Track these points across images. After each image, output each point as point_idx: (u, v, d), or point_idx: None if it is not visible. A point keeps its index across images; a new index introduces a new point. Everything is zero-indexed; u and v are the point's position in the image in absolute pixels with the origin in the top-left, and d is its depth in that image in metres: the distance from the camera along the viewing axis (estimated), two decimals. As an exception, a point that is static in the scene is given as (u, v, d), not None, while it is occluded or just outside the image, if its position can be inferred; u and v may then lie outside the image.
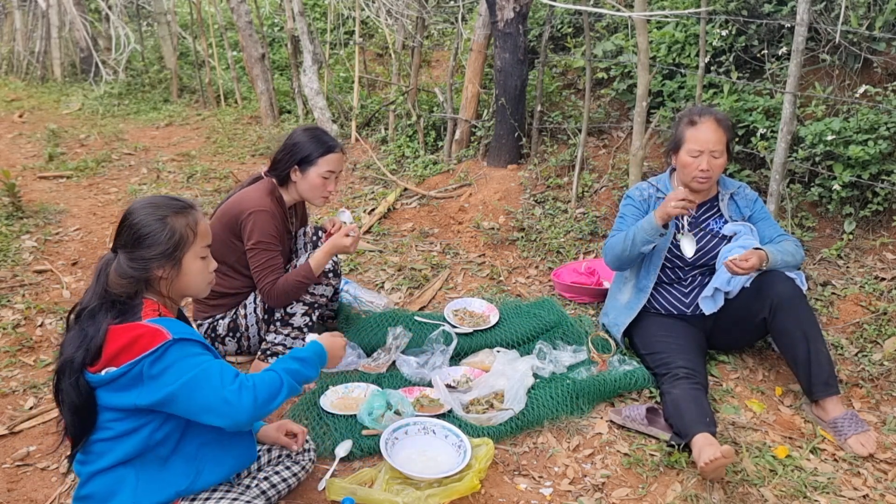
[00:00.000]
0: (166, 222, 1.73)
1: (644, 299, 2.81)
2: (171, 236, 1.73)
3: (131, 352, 1.62)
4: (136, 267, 1.70)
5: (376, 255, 3.91)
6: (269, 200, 2.69)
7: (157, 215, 1.74)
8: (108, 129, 6.64)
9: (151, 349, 1.61)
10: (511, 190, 4.33)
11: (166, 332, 1.63)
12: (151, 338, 1.62)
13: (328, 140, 2.75)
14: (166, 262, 1.73)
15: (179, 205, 1.79)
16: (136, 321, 1.66)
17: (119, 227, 1.75)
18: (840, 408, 2.49)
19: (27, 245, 3.97)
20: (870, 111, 3.45)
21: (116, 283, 1.68)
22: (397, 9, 5.65)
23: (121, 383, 1.63)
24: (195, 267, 1.80)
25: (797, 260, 2.69)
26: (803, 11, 3.06)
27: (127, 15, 8.95)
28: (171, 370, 1.62)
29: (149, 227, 1.72)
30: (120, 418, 1.66)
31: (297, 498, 2.11)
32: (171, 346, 1.63)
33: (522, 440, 2.42)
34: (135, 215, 1.74)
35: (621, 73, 4.64)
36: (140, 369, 1.61)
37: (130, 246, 1.72)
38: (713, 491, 2.18)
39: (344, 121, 5.97)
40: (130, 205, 1.78)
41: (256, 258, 2.65)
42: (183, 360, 1.64)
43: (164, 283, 1.76)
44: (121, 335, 1.63)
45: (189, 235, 1.77)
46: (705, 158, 2.65)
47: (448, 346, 2.83)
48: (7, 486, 2.17)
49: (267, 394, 1.72)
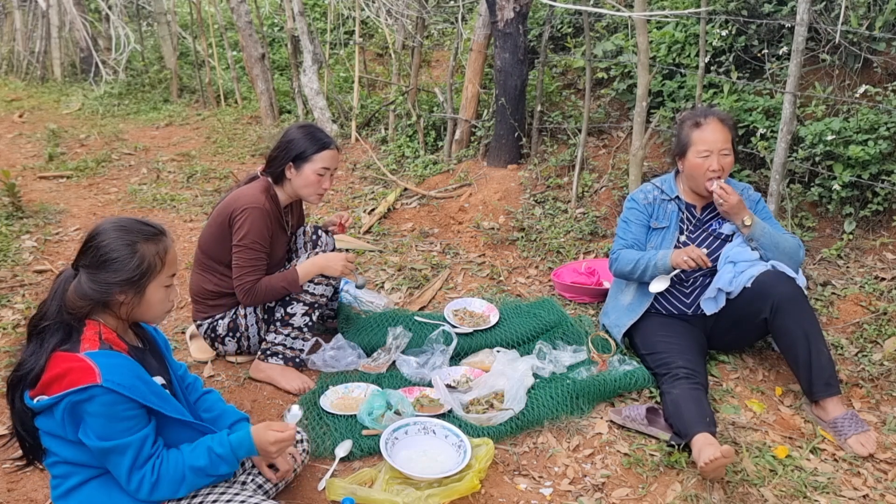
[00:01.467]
0: (136, 249, 1.66)
1: (648, 302, 2.81)
2: (140, 264, 1.66)
3: (60, 384, 1.56)
4: (96, 290, 1.63)
5: (376, 255, 3.91)
6: (263, 198, 2.67)
7: (126, 240, 1.66)
8: (108, 129, 6.65)
9: (77, 387, 1.54)
10: (511, 190, 4.33)
11: (97, 373, 1.55)
12: (80, 374, 1.55)
13: (322, 137, 2.74)
14: (129, 289, 1.67)
15: (150, 231, 1.71)
16: (75, 351, 1.59)
17: (84, 246, 1.68)
18: (840, 408, 2.49)
19: (27, 245, 3.97)
20: (870, 111, 3.45)
21: (73, 302, 1.62)
22: (397, 9, 5.65)
23: (50, 413, 1.59)
24: (157, 296, 1.73)
25: (792, 253, 2.69)
26: (803, 11, 3.06)
27: (127, 15, 8.95)
28: (94, 422, 1.57)
29: (116, 253, 1.64)
30: (64, 444, 1.63)
31: (297, 498, 2.11)
32: (95, 392, 1.55)
33: (522, 440, 2.42)
34: (103, 237, 1.66)
35: (621, 73, 4.64)
36: (66, 404, 1.56)
37: (94, 267, 1.65)
38: (713, 491, 2.18)
39: (344, 121, 5.97)
40: (98, 224, 1.71)
41: (241, 255, 2.62)
42: (108, 421, 1.58)
43: (123, 308, 1.69)
44: (58, 363, 1.58)
45: (157, 264, 1.70)
46: (715, 158, 2.66)
47: (448, 346, 2.83)
48: (7, 486, 2.17)
49: (167, 489, 1.67)
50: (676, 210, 2.84)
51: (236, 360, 2.87)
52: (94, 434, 1.58)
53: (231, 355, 2.87)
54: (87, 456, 1.65)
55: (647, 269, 2.74)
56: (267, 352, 2.73)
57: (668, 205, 2.86)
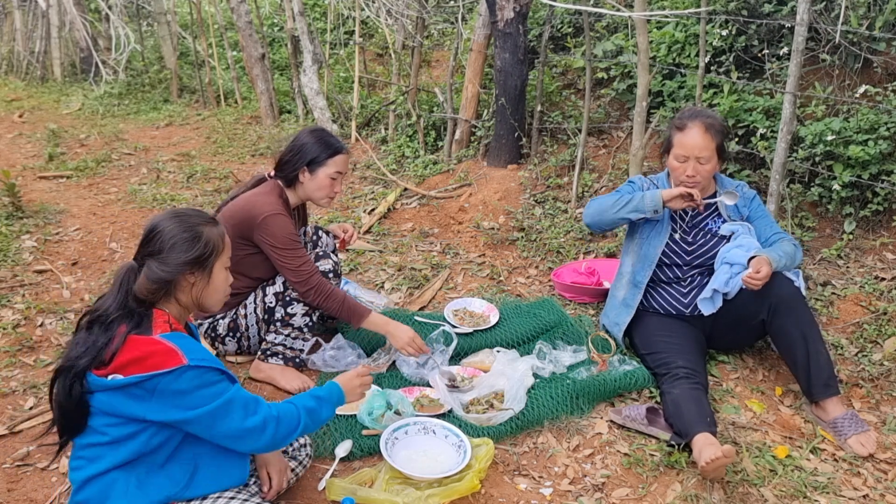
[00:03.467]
0: (199, 231, 1.77)
1: (640, 295, 2.81)
2: (206, 244, 1.77)
3: (142, 366, 1.62)
4: (168, 271, 1.72)
5: (376, 255, 3.91)
6: (280, 202, 2.72)
7: (187, 224, 1.77)
8: (108, 129, 6.64)
9: (165, 369, 1.61)
10: (511, 190, 4.33)
11: (181, 355, 1.63)
12: (165, 357, 1.62)
13: (335, 142, 2.78)
14: (198, 269, 1.77)
15: (206, 216, 1.85)
16: (149, 335, 1.66)
17: (146, 239, 1.77)
18: (840, 408, 2.49)
19: (27, 245, 3.97)
20: (870, 111, 3.45)
21: (144, 288, 1.70)
22: (397, 9, 5.65)
23: (128, 392, 1.63)
24: (221, 276, 1.85)
25: (796, 261, 2.69)
26: (803, 11, 3.06)
27: (127, 15, 8.95)
28: (191, 397, 1.64)
29: (182, 235, 1.75)
30: (117, 423, 1.66)
31: (297, 498, 2.11)
32: (186, 371, 1.63)
33: (522, 440, 2.42)
34: (162, 225, 1.76)
35: (621, 73, 4.64)
36: (153, 386, 1.61)
37: (162, 252, 1.73)
38: (713, 491, 2.18)
39: (344, 121, 5.97)
40: (153, 218, 1.80)
41: (285, 256, 2.64)
42: (203, 388, 1.66)
43: (194, 289, 1.79)
44: (136, 346, 1.64)
45: (220, 244, 1.82)
46: (691, 164, 2.66)
47: (448, 347, 2.83)
48: (7, 486, 2.17)
49: (286, 429, 1.78)
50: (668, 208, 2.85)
51: (236, 359, 2.87)
52: (196, 404, 1.65)
53: (231, 355, 2.87)
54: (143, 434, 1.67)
55: (631, 201, 2.70)
56: (267, 352, 2.74)
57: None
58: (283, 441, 1.78)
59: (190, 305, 1.82)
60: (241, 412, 1.70)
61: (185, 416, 1.65)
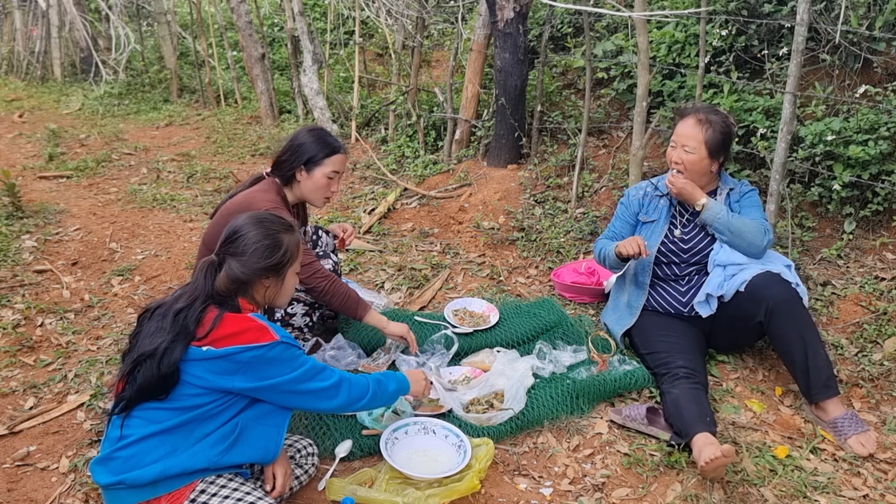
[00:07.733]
0: (279, 239, 1.94)
1: (644, 296, 2.84)
2: (285, 252, 1.94)
3: (237, 339, 1.79)
4: (246, 273, 1.89)
5: (376, 255, 3.91)
6: (279, 200, 2.70)
7: (269, 230, 1.94)
8: (108, 129, 6.65)
9: (261, 343, 1.80)
10: (511, 190, 4.33)
11: (273, 332, 1.83)
12: (260, 333, 1.81)
13: (333, 141, 2.77)
14: (273, 274, 1.94)
15: (286, 223, 2.00)
16: (241, 313, 1.85)
17: (228, 238, 1.93)
18: (840, 408, 2.49)
19: (27, 245, 3.97)
20: (870, 111, 3.45)
21: (224, 285, 1.87)
22: (397, 9, 5.65)
23: (219, 364, 1.78)
24: (292, 281, 2.03)
25: (752, 238, 2.69)
26: (803, 11, 3.06)
27: (127, 15, 8.95)
28: (281, 365, 1.84)
29: (262, 242, 1.91)
30: (199, 394, 1.79)
31: (297, 498, 2.12)
32: (277, 345, 1.82)
33: (522, 440, 2.42)
34: (245, 229, 1.92)
35: (621, 73, 4.64)
36: (249, 357, 1.78)
37: (243, 255, 1.90)
38: (713, 491, 2.18)
39: (344, 121, 5.97)
40: (237, 219, 1.96)
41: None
42: (291, 360, 1.86)
43: (268, 292, 1.97)
44: (234, 322, 1.81)
45: (295, 252, 1.99)
46: (678, 151, 2.77)
47: (449, 350, 2.83)
48: (7, 486, 2.17)
49: (358, 391, 2.00)
50: (668, 206, 2.91)
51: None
52: (287, 371, 1.85)
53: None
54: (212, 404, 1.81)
55: (606, 258, 2.93)
56: (267, 352, 2.73)
57: (659, 200, 2.93)
58: (355, 402, 1.98)
59: (262, 303, 1.98)
60: (319, 375, 1.92)
61: (274, 382, 1.83)
